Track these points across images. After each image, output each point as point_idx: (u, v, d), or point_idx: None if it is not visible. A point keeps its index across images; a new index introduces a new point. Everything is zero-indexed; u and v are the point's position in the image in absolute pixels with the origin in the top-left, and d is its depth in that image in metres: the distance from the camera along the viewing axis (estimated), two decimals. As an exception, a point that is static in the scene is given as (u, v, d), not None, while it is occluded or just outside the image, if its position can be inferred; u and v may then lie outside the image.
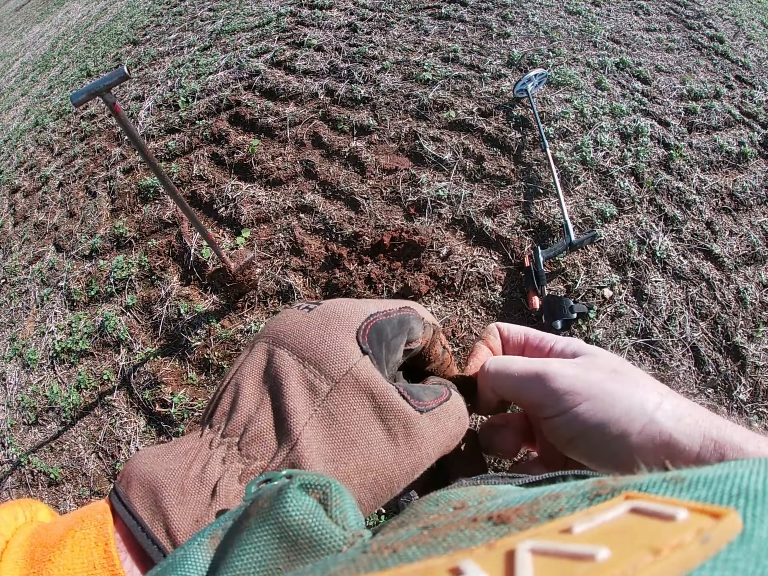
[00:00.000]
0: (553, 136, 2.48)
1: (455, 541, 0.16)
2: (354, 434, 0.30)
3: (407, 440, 0.31)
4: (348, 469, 0.29)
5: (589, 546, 0.12)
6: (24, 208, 3.10)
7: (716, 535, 0.12)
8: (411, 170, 2.38)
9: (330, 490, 0.22)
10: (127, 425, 2.06)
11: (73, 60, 4.64)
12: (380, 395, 0.30)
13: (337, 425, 0.30)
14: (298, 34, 3.26)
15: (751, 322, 2.09)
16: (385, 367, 0.33)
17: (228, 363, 2.02)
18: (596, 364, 0.36)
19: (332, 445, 0.29)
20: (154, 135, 2.91)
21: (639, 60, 2.95)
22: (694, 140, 2.55)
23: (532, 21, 3.14)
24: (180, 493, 0.27)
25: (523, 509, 0.17)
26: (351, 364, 0.31)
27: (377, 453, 0.30)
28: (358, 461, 0.29)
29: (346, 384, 0.30)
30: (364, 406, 0.30)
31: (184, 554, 0.23)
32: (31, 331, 2.48)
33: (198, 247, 2.30)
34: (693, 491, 0.16)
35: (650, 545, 0.12)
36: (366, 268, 2.06)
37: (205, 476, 0.27)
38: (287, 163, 2.50)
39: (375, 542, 0.18)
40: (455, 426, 0.35)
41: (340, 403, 0.30)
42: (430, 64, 2.83)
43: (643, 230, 2.22)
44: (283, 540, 0.21)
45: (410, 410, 0.31)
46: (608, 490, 0.17)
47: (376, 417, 0.30)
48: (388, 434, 0.30)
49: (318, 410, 0.30)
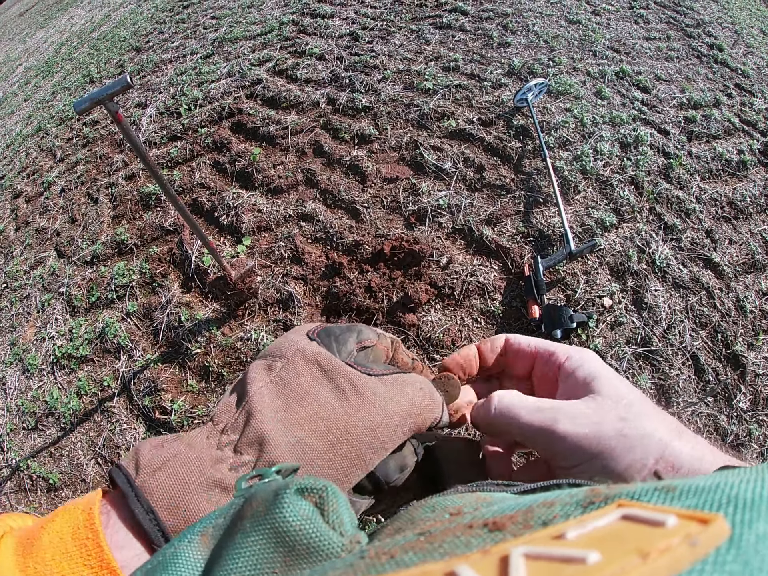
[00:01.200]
0: (553, 146, 2.49)
1: (451, 547, 0.16)
2: (303, 391, 0.35)
3: (356, 395, 0.35)
4: (299, 417, 0.34)
5: (581, 550, 0.12)
6: (26, 213, 3.12)
7: (704, 539, 0.12)
8: (411, 179, 2.39)
9: (326, 494, 0.22)
10: (127, 432, 2.06)
11: (76, 66, 4.68)
12: (325, 362, 0.36)
13: (288, 387, 0.35)
14: (300, 43, 3.28)
15: (751, 331, 2.09)
16: (334, 352, 0.38)
17: (228, 371, 2.03)
18: (607, 411, 0.36)
19: (284, 400, 0.34)
20: (156, 142, 2.92)
21: (639, 69, 2.96)
22: (693, 149, 2.56)
23: (533, 30, 3.16)
24: (155, 446, 0.33)
25: (518, 516, 0.17)
26: (299, 346, 0.37)
27: (326, 404, 0.34)
28: (308, 411, 0.34)
29: (295, 358, 0.37)
30: (312, 370, 0.36)
31: (175, 552, 0.24)
32: (31, 336, 2.49)
33: (199, 255, 2.30)
34: (684, 500, 0.16)
35: (639, 549, 0.12)
36: (366, 276, 2.07)
37: (182, 439, 0.33)
38: (288, 172, 2.52)
39: (372, 548, 0.18)
40: (415, 394, 0.37)
41: (290, 370, 0.36)
42: (430, 73, 2.85)
43: (643, 239, 2.22)
44: (280, 545, 0.21)
45: (356, 372, 0.36)
46: (601, 498, 0.17)
47: (323, 378, 0.36)
48: (336, 391, 0.35)
49: (273, 379, 0.36)
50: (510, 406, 0.38)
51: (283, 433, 0.32)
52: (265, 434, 0.32)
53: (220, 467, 0.31)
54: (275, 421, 0.33)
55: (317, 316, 2.09)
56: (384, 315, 1.98)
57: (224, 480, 0.31)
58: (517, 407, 0.38)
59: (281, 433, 0.32)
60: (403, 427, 0.36)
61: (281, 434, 0.32)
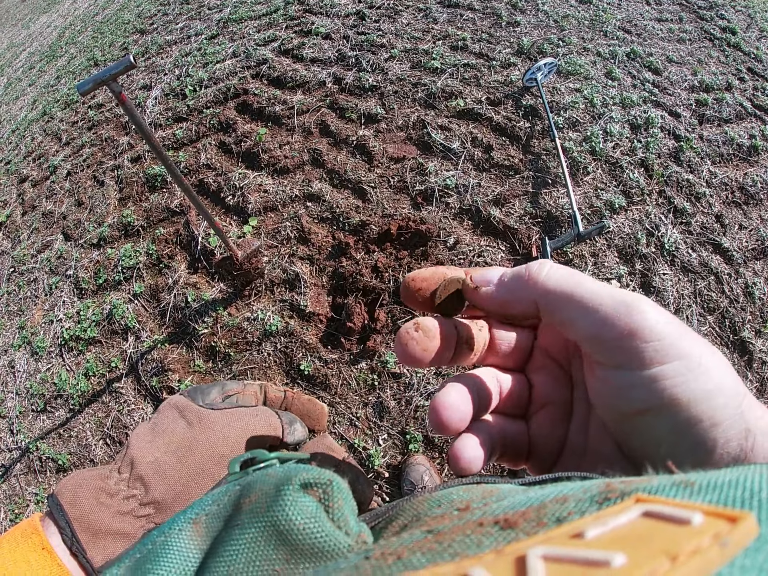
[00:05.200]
0: (563, 126, 2.45)
1: (462, 547, 0.16)
2: (164, 427, 0.49)
3: (200, 424, 0.49)
4: (158, 443, 0.47)
5: (604, 552, 0.12)
6: (32, 197, 3.12)
7: (734, 539, 0.12)
8: (419, 159, 2.37)
9: (331, 489, 0.22)
10: (135, 412, 2.08)
11: (80, 50, 4.64)
12: (182, 406, 0.51)
13: (155, 426, 0.50)
14: (305, 22, 3.24)
15: (759, 317, 2.07)
16: (198, 399, 0.53)
17: (234, 351, 2.03)
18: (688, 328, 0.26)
19: (152, 435, 0.49)
20: (162, 124, 2.91)
21: (650, 50, 2.91)
22: (704, 132, 2.52)
23: (542, 9, 3.10)
24: (74, 479, 0.45)
25: (530, 513, 0.17)
26: (170, 400, 0.53)
27: (178, 433, 0.48)
28: (164, 439, 0.48)
29: (164, 408, 0.52)
30: (173, 413, 0.51)
31: (165, 541, 0.23)
32: (39, 319, 2.50)
33: (205, 236, 2.30)
34: (704, 495, 0.15)
35: (667, 550, 0.11)
36: (373, 257, 2.06)
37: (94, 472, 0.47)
38: (295, 152, 2.50)
39: (378, 547, 0.18)
40: (250, 420, 0.51)
41: (158, 415, 0.51)
42: (438, 52, 2.81)
43: (652, 222, 2.20)
44: (282, 544, 0.20)
45: (203, 409, 0.51)
46: (617, 493, 0.16)
47: (180, 416, 0.50)
48: (187, 423, 0.49)
49: (148, 424, 0.50)
50: (565, 271, 0.27)
51: (146, 455, 0.46)
52: (133, 457, 0.46)
53: (107, 481, 0.45)
54: (142, 449, 0.47)
55: (323, 296, 2.09)
56: (390, 295, 1.97)
57: (107, 488, 0.44)
58: (577, 276, 0.27)
59: (145, 455, 0.46)
60: (240, 444, 0.48)
61: (144, 456, 0.46)
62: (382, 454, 1.80)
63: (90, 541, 0.40)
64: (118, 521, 0.42)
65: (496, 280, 0.29)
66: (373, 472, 1.78)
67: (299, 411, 0.60)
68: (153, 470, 0.45)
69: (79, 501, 0.42)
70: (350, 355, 1.94)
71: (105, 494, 0.43)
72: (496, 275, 0.29)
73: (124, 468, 0.46)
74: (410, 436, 1.80)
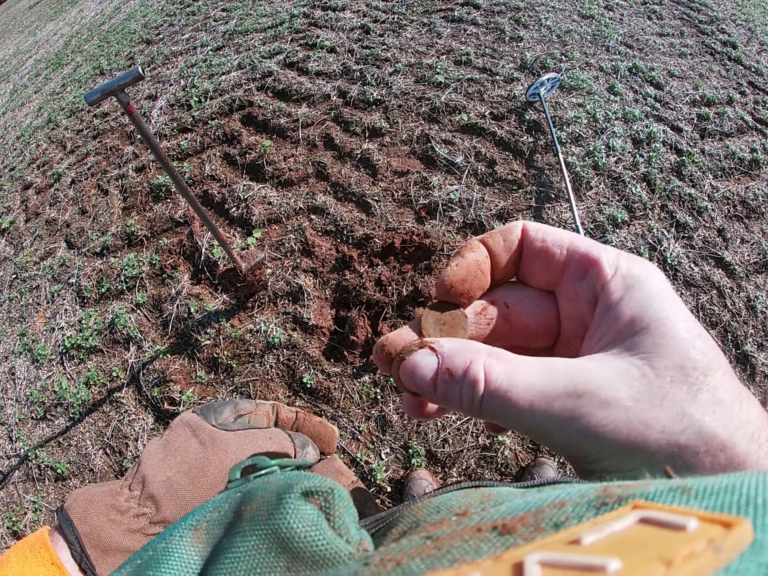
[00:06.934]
0: (565, 141, 2.47)
1: (460, 553, 0.16)
2: (177, 446, 0.49)
3: (213, 445, 0.49)
4: (171, 463, 0.47)
5: (600, 557, 0.12)
6: (36, 204, 3.13)
7: (728, 544, 0.12)
8: (422, 173, 2.38)
9: (333, 497, 0.22)
10: (135, 422, 2.07)
11: (87, 58, 4.68)
12: (195, 424, 0.51)
13: (168, 444, 0.49)
14: (311, 36, 3.27)
15: (761, 331, 2.07)
16: (211, 418, 0.53)
17: (237, 362, 2.03)
18: (661, 387, 0.22)
19: (164, 453, 0.48)
20: (167, 134, 2.92)
21: (652, 65, 2.94)
22: (706, 146, 2.54)
23: (545, 25, 3.14)
24: (84, 494, 0.45)
25: (528, 518, 0.17)
26: (182, 417, 0.52)
27: (191, 453, 0.48)
28: (177, 458, 0.47)
29: (176, 425, 0.51)
30: (185, 431, 0.50)
31: (166, 548, 0.23)
32: (41, 327, 2.50)
33: (209, 247, 2.31)
34: (701, 501, 0.15)
35: (662, 556, 0.11)
36: (376, 270, 2.06)
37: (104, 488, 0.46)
38: (299, 164, 2.51)
39: (378, 554, 0.18)
40: (264, 442, 0.51)
41: (171, 433, 0.51)
42: (442, 66, 2.83)
43: (655, 236, 2.21)
44: (283, 552, 0.20)
45: (216, 429, 0.50)
46: (614, 498, 0.16)
47: (192, 435, 0.50)
48: (200, 443, 0.49)
49: (160, 441, 0.50)
50: (500, 389, 0.22)
51: (158, 474, 0.46)
52: (145, 475, 0.46)
53: (118, 498, 0.45)
54: (154, 467, 0.47)
55: (327, 308, 2.09)
56: (393, 309, 1.97)
57: (118, 505, 0.44)
58: (514, 389, 0.22)
59: (156, 474, 0.46)
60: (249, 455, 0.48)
61: (156, 474, 0.46)
62: (385, 468, 1.79)
63: (99, 557, 0.40)
64: (128, 539, 0.42)
65: (428, 382, 0.24)
66: (375, 487, 1.77)
67: (310, 433, 0.60)
68: (165, 489, 0.45)
69: (89, 517, 0.42)
70: (353, 368, 1.94)
71: (115, 511, 0.44)
72: (428, 375, 0.24)
73: (135, 485, 0.46)
74: (413, 450, 1.79)
